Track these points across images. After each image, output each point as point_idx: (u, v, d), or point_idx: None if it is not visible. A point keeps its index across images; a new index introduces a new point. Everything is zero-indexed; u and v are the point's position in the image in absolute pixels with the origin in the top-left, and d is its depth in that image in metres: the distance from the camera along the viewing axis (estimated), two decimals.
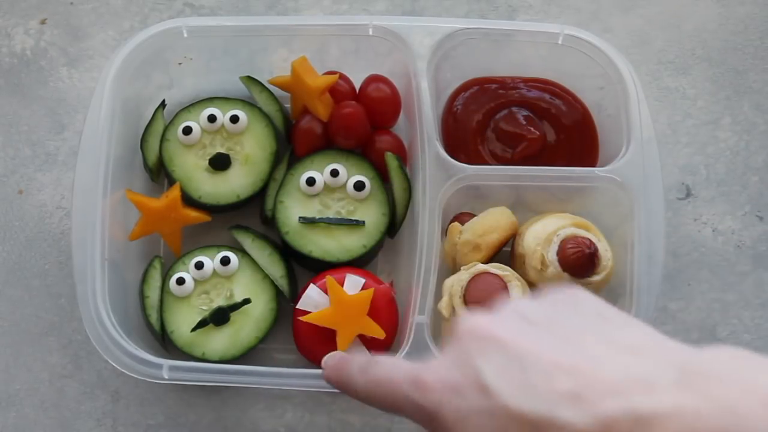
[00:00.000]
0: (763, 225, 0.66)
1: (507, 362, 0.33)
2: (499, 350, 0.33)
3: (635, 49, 0.69)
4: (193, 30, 0.60)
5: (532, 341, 0.33)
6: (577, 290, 0.37)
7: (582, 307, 0.36)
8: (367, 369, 0.41)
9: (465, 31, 0.61)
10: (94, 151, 0.58)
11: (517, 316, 0.36)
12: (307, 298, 0.58)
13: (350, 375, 0.43)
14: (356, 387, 0.42)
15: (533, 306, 0.36)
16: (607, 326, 0.34)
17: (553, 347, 0.33)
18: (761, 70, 0.69)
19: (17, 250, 0.65)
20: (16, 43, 0.69)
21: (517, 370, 0.32)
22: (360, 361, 0.43)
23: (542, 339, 0.33)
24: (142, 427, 0.62)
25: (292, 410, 0.62)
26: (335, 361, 0.46)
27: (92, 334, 0.55)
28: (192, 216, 0.61)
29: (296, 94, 0.62)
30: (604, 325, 0.35)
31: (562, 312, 0.35)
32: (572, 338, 0.33)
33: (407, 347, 0.55)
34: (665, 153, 0.67)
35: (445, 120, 0.64)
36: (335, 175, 0.61)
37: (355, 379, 0.42)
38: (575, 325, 0.34)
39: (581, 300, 0.36)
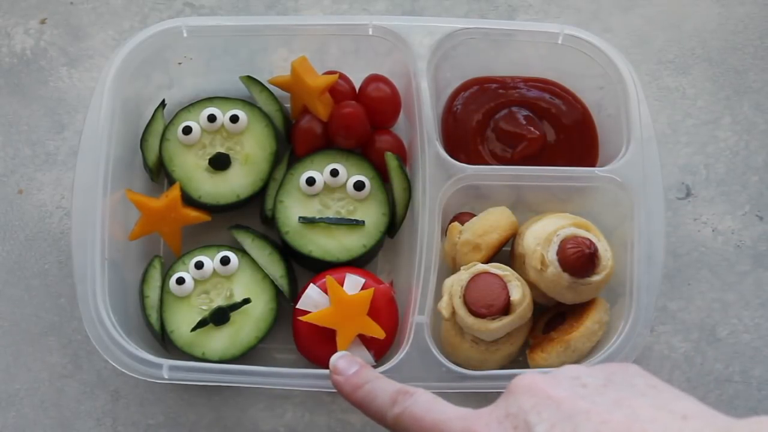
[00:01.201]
0: (763, 225, 0.66)
1: (559, 419, 0.34)
2: (551, 407, 0.35)
3: (635, 49, 0.69)
4: (193, 30, 0.60)
5: (584, 401, 0.35)
6: (630, 364, 0.39)
7: (634, 378, 0.37)
8: (402, 402, 0.42)
9: (465, 31, 0.61)
10: (94, 151, 0.58)
11: (572, 378, 0.37)
12: (307, 298, 0.58)
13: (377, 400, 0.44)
14: (386, 415, 0.43)
15: (588, 371, 0.38)
16: (658, 394, 0.36)
17: (605, 408, 0.34)
18: (761, 70, 0.69)
19: (17, 250, 0.65)
20: (16, 43, 0.69)
21: (568, 427, 0.34)
22: (388, 388, 0.43)
23: (595, 401, 0.35)
24: (142, 427, 0.62)
25: (292, 410, 0.62)
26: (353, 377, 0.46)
27: (92, 334, 0.55)
28: (192, 216, 0.61)
29: (296, 94, 0.62)
30: (655, 393, 0.36)
31: (615, 380, 0.37)
32: (624, 402, 0.35)
33: (407, 347, 0.55)
34: (665, 153, 0.67)
35: (445, 120, 0.64)
36: (335, 175, 0.61)
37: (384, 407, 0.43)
38: (627, 392, 0.36)
39: (634, 372, 0.38)
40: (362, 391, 0.45)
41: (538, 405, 0.36)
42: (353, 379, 0.46)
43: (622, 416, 0.34)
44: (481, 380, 0.55)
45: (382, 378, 0.45)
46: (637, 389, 0.36)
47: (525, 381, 0.37)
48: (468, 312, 0.55)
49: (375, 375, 0.46)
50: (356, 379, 0.46)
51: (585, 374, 0.38)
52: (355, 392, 0.45)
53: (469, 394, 0.62)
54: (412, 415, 0.41)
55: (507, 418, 0.37)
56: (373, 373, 0.46)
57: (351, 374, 0.47)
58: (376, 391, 0.44)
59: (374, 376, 0.45)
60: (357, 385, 0.45)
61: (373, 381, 0.45)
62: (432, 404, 0.40)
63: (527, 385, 0.37)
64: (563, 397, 0.36)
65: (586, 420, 0.34)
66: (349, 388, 0.46)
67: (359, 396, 0.45)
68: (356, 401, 0.45)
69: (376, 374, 0.46)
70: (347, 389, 0.46)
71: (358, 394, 0.45)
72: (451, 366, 0.55)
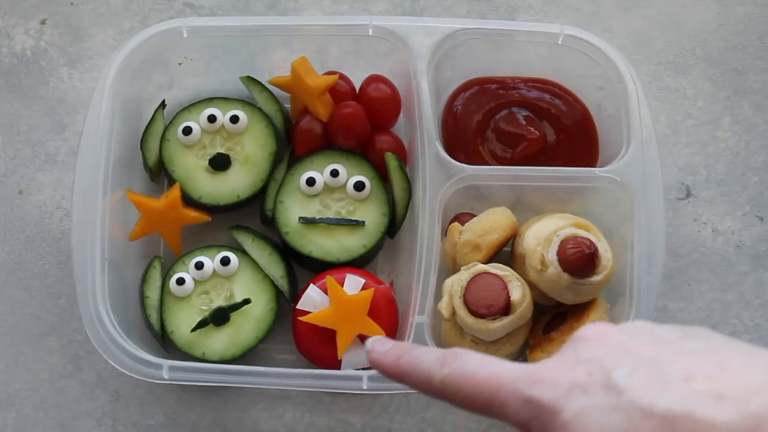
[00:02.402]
0: (763, 225, 0.66)
1: (640, 365, 0.32)
2: (630, 355, 0.32)
3: (635, 49, 0.69)
4: (193, 30, 0.60)
5: (666, 349, 0.32)
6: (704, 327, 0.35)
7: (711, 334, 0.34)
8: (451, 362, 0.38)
9: (465, 31, 0.61)
10: (94, 152, 0.58)
11: (647, 330, 0.34)
12: (307, 298, 0.58)
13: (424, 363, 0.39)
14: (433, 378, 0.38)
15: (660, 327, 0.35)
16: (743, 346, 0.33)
17: (690, 354, 0.32)
18: (761, 70, 0.69)
19: (17, 250, 0.65)
20: (16, 43, 0.69)
21: (652, 371, 0.31)
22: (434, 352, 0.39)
23: (677, 349, 0.32)
24: (142, 427, 0.62)
25: (292, 410, 0.62)
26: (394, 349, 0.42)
27: (92, 334, 0.55)
28: (192, 216, 0.61)
29: (296, 94, 0.62)
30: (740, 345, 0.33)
31: (691, 334, 0.34)
32: (710, 351, 0.32)
33: None
34: (665, 153, 0.67)
35: (445, 120, 0.64)
36: (335, 175, 0.61)
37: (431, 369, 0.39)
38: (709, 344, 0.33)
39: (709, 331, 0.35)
40: (406, 359, 0.40)
41: (614, 352, 0.33)
42: (394, 351, 0.42)
43: (713, 362, 0.31)
44: None
45: (425, 346, 0.43)
46: (718, 342, 0.33)
47: (594, 329, 0.34)
48: (468, 312, 0.55)
49: (416, 345, 0.42)
50: (397, 350, 0.42)
51: (659, 328, 0.35)
52: (398, 361, 0.41)
53: None
54: (464, 371, 0.37)
55: (578, 364, 0.33)
56: (413, 344, 0.42)
57: (390, 348, 0.42)
58: (421, 356, 0.40)
59: (416, 346, 0.41)
60: (399, 354, 0.41)
61: (416, 348, 0.41)
62: (486, 359, 0.37)
63: (598, 333, 0.34)
64: (642, 345, 0.33)
65: (672, 365, 0.31)
66: (391, 358, 0.41)
67: (403, 363, 0.40)
68: (400, 371, 0.41)
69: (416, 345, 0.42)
70: (389, 360, 0.41)
71: (402, 361, 0.41)
72: None
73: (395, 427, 0.62)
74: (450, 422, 0.62)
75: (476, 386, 0.36)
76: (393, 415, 0.62)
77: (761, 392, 0.29)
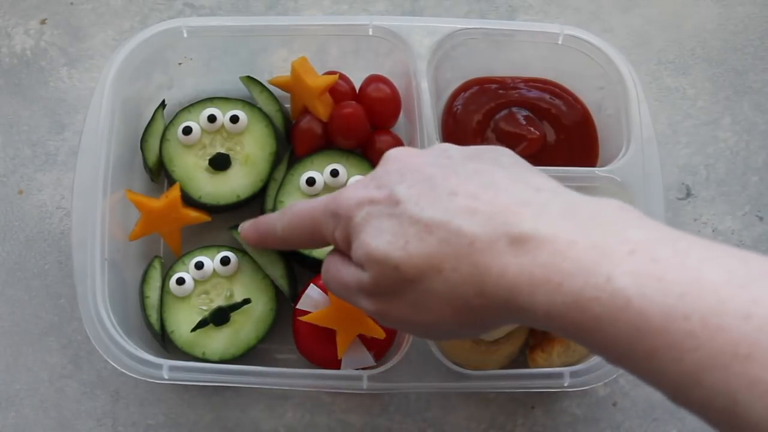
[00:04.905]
0: (763, 225, 0.66)
1: (418, 182, 0.38)
2: (414, 173, 0.39)
3: (635, 49, 0.69)
4: (193, 30, 0.60)
5: (445, 171, 0.38)
6: (504, 148, 0.42)
7: (502, 156, 0.40)
8: (286, 210, 0.48)
9: (465, 31, 0.61)
10: (94, 151, 0.58)
11: (441, 150, 0.41)
12: (307, 298, 0.58)
13: (269, 219, 0.50)
14: (276, 227, 0.49)
15: (458, 148, 0.41)
16: (518, 170, 0.39)
17: (464, 177, 0.37)
18: (761, 70, 0.69)
19: (17, 250, 0.65)
20: (16, 43, 0.69)
21: (426, 188, 0.37)
22: (276, 212, 0.51)
23: (456, 170, 0.38)
24: (142, 427, 0.62)
25: (292, 410, 0.62)
26: (251, 222, 0.54)
27: (92, 334, 0.55)
28: (192, 216, 0.61)
29: (296, 94, 0.62)
30: (516, 168, 0.39)
31: (481, 156, 0.40)
32: (483, 172, 0.38)
33: (407, 347, 0.55)
34: (665, 153, 0.67)
35: (445, 120, 0.64)
36: (335, 175, 0.61)
37: (273, 221, 0.49)
38: (489, 165, 0.39)
39: (504, 152, 0.41)
40: (259, 224, 0.53)
41: (402, 169, 0.39)
42: (252, 224, 0.55)
43: (479, 182, 0.37)
44: (481, 380, 0.55)
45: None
46: (499, 164, 0.39)
47: (394, 152, 0.41)
48: None
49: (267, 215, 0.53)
50: (253, 222, 0.55)
51: (453, 149, 0.41)
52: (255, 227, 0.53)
53: (469, 394, 0.62)
54: (293, 211, 0.47)
55: (372, 180, 0.40)
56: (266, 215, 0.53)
57: (250, 223, 0.55)
58: (267, 217, 0.51)
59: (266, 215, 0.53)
60: (255, 223, 0.54)
61: (264, 215, 0.53)
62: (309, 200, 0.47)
63: (395, 154, 0.41)
64: (426, 164, 0.39)
65: (444, 185, 0.37)
66: (251, 229, 0.54)
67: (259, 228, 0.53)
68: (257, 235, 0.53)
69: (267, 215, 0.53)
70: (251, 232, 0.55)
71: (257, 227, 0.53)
72: (451, 366, 0.55)
73: (395, 427, 0.62)
74: (450, 422, 0.62)
75: (301, 218, 0.46)
76: (393, 415, 0.62)
77: (505, 212, 0.35)
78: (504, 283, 0.34)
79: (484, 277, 0.34)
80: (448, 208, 0.36)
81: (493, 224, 0.34)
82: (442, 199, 0.36)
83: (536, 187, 0.37)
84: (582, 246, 0.32)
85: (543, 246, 0.33)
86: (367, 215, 0.38)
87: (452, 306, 0.36)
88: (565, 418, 0.62)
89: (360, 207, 0.39)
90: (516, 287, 0.33)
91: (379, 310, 0.39)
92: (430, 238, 0.35)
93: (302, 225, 0.46)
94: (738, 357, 0.28)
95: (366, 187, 0.40)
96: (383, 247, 0.37)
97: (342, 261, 0.42)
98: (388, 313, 0.39)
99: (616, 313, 0.31)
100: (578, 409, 0.62)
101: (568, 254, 0.32)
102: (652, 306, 0.30)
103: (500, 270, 0.34)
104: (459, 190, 0.36)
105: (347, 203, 0.40)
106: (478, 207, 0.35)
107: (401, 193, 0.38)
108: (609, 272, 0.31)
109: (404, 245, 0.36)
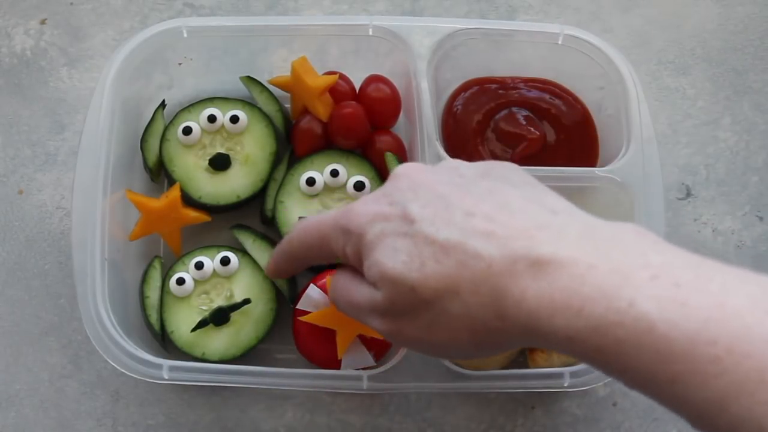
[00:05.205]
0: (763, 225, 0.66)
1: (432, 201, 0.37)
2: (428, 192, 0.38)
3: (635, 49, 0.69)
4: (193, 30, 0.60)
5: (459, 190, 0.37)
6: (512, 163, 0.41)
7: (511, 172, 0.40)
8: (294, 225, 0.47)
9: (465, 31, 0.61)
10: (94, 151, 0.58)
11: (451, 168, 0.40)
12: (307, 298, 0.58)
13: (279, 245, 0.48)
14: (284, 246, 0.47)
15: (467, 164, 0.40)
16: (532, 189, 0.38)
17: (478, 197, 0.37)
18: (761, 70, 0.69)
19: (17, 250, 0.65)
20: (16, 43, 0.69)
21: (441, 207, 0.37)
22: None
23: (470, 189, 0.37)
24: (142, 427, 0.62)
25: (292, 410, 0.62)
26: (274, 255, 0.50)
27: (92, 334, 0.55)
28: (192, 216, 0.61)
29: (296, 94, 0.62)
30: (530, 188, 0.38)
31: (492, 173, 0.39)
32: (497, 192, 0.37)
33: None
34: (665, 153, 0.67)
35: (445, 120, 0.64)
36: (335, 176, 0.61)
37: (282, 242, 0.47)
38: (502, 183, 0.38)
39: (511, 167, 0.40)
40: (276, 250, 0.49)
41: (414, 186, 0.38)
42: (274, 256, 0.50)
43: (493, 203, 0.36)
44: (481, 380, 0.55)
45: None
46: (510, 182, 0.38)
47: (405, 168, 0.40)
48: None
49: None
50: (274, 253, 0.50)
51: (464, 166, 0.40)
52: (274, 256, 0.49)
53: (469, 394, 0.62)
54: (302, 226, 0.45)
55: (383, 196, 0.39)
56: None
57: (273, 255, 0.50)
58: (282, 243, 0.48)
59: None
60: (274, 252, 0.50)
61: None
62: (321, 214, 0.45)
63: (406, 170, 0.40)
64: (439, 182, 0.38)
65: (459, 205, 0.36)
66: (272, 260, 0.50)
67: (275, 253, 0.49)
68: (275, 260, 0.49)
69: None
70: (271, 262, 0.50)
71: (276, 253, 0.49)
72: (451, 366, 0.55)
73: (395, 427, 0.62)
74: (450, 422, 0.62)
75: (309, 232, 0.44)
76: (393, 415, 0.62)
77: (523, 235, 0.34)
78: (524, 306, 0.33)
79: (503, 301, 0.34)
80: (465, 230, 0.35)
81: (511, 247, 0.34)
82: (457, 220, 0.36)
83: (552, 209, 0.36)
84: (602, 270, 0.32)
85: (562, 270, 0.32)
86: (380, 233, 0.37)
87: (469, 328, 0.35)
88: (565, 418, 0.62)
89: (372, 223, 0.38)
90: (536, 311, 0.33)
91: (392, 330, 0.38)
92: (447, 260, 0.35)
93: (310, 239, 0.44)
94: (765, 383, 0.28)
95: (377, 202, 0.39)
96: (399, 267, 0.36)
97: (352, 279, 0.41)
98: (401, 332, 0.38)
99: (639, 338, 0.30)
100: (578, 409, 0.62)
101: (588, 278, 0.32)
102: (676, 331, 0.29)
103: (519, 294, 0.33)
104: (475, 210, 0.36)
105: (358, 220, 0.39)
106: (495, 229, 0.35)
107: (415, 211, 0.37)
108: (631, 297, 0.31)
109: (420, 266, 0.35)
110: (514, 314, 0.33)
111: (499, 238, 0.34)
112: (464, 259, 0.34)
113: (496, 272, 0.34)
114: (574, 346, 0.32)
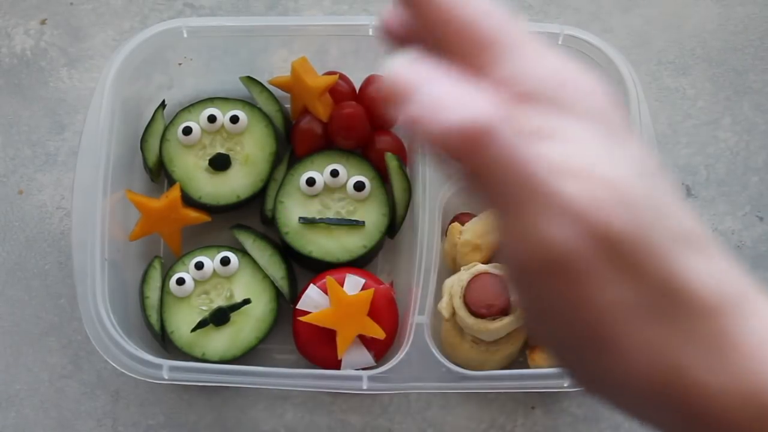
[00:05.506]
0: (763, 225, 0.66)
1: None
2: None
3: (635, 50, 0.69)
4: (193, 30, 0.60)
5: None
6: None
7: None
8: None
9: None
10: (94, 151, 0.58)
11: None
12: (307, 298, 0.58)
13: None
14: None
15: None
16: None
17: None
18: (761, 70, 0.69)
19: (17, 250, 0.65)
20: (16, 44, 0.69)
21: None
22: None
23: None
24: (142, 427, 0.62)
25: (292, 410, 0.62)
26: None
27: (92, 334, 0.55)
28: (192, 216, 0.61)
29: (296, 94, 0.62)
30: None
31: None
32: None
33: (407, 347, 0.55)
34: (665, 153, 0.67)
35: None
36: (335, 176, 0.61)
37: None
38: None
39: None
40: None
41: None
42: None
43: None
44: (481, 380, 0.55)
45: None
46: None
47: None
48: (468, 312, 0.55)
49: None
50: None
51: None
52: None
53: (469, 395, 0.62)
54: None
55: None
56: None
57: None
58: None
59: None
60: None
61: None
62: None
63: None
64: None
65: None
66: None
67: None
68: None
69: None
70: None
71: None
72: (451, 366, 0.55)
73: (395, 427, 0.62)
74: (450, 422, 0.62)
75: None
76: (393, 415, 0.62)
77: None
78: None
79: None
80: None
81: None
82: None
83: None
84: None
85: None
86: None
87: None
88: (565, 418, 0.62)
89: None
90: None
91: None
92: None
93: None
94: None
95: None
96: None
97: None
98: None
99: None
100: (578, 409, 0.62)
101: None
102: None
103: None
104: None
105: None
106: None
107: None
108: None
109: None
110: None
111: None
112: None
113: None
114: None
